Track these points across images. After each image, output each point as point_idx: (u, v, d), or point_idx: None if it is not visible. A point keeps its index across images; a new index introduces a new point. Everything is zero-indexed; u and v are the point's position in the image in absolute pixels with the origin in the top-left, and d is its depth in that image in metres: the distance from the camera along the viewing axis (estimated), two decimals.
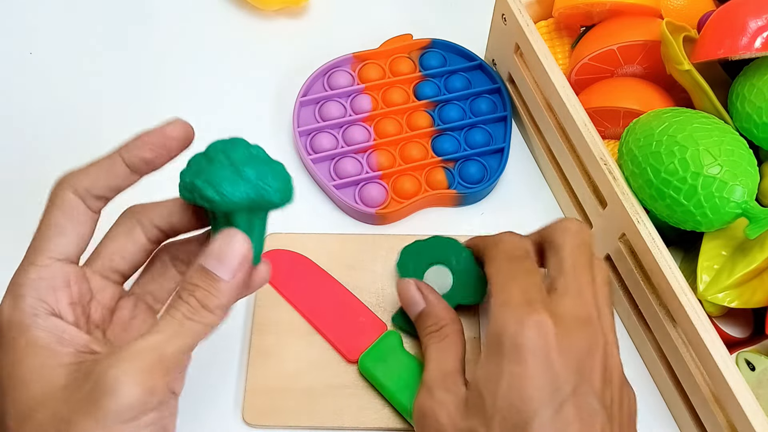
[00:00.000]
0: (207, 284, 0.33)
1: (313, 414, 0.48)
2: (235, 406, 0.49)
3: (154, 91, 0.62)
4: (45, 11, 0.66)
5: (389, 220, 0.56)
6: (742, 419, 0.40)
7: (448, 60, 0.62)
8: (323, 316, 0.51)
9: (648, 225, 0.45)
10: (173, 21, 0.66)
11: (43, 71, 0.63)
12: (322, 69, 0.60)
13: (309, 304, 0.51)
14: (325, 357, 0.50)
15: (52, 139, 0.59)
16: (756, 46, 0.44)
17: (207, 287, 0.33)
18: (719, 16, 0.47)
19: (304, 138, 0.58)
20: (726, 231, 0.46)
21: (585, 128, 0.48)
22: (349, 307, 0.51)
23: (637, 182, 0.46)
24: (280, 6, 0.65)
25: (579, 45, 0.55)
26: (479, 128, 0.59)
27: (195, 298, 0.33)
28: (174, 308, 0.33)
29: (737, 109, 0.47)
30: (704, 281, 0.45)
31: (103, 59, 0.63)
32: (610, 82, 0.54)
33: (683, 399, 0.47)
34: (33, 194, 0.57)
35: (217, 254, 0.34)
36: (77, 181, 0.35)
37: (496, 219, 0.57)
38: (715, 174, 0.43)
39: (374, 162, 0.57)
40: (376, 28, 0.64)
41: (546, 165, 0.57)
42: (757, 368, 0.45)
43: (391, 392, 0.47)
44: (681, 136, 0.44)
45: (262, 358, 0.50)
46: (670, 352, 0.47)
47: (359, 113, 0.59)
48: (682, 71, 0.48)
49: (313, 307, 0.51)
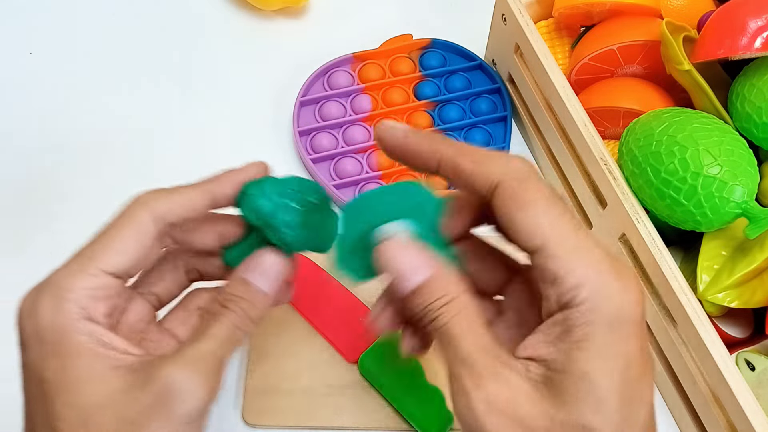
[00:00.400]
0: (250, 296, 0.35)
1: (313, 414, 0.48)
2: (235, 406, 0.49)
3: (154, 90, 0.62)
4: (45, 11, 0.66)
5: None
6: (742, 419, 0.40)
7: (448, 60, 0.62)
8: (323, 316, 0.51)
9: (648, 225, 0.45)
10: (173, 21, 0.65)
11: (43, 71, 0.63)
12: (322, 69, 0.60)
13: (309, 304, 0.51)
14: (325, 357, 0.50)
15: (52, 138, 0.59)
16: (756, 46, 0.44)
17: (250, 298, 0.35)
18: (719, 16, 0.47)
19: (304, 138, 0.58)
20: (726, 231, 0.46)
21: (585, 128, 0.48)
22: (350, 307, 0.51)
23: (637, 182, 0.46)
24: (280, 6, 0.65)
25: (579, 45, 0.55)
26: (479, 128, 0.59)
27: (240, 308, 0.34)
28: (223, 315, 0.34)
29: (737, 109, 0.47)
30: (704, 281, 0.45)
31: (102, 59, 0.63)
32: (610, 82, 0.54)
33: (683, 399, 0.47)
34: (32, 194, 0.57)
35: (260, 269, 0.35)
36: (156, 204, 0.34)
37: None
38: (715, 174, 0.43)
39: (374, 162, 0.57)
40: (376, 28, 0.64)
41: (546, 165, 0.57)
42: (757, 368, 0.45)
43: (391, 392, 0.47)
44: (681, 136, 0.44)
45: (262, 358, 0.50)
46: (670, 353, 0.47)
47: (359, 113, 0.59)
48: (682, 71, 0.48)
49: (314, 307, 0.51)
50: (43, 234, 0.55)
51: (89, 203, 0.57)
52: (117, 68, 0.63)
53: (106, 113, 0.61)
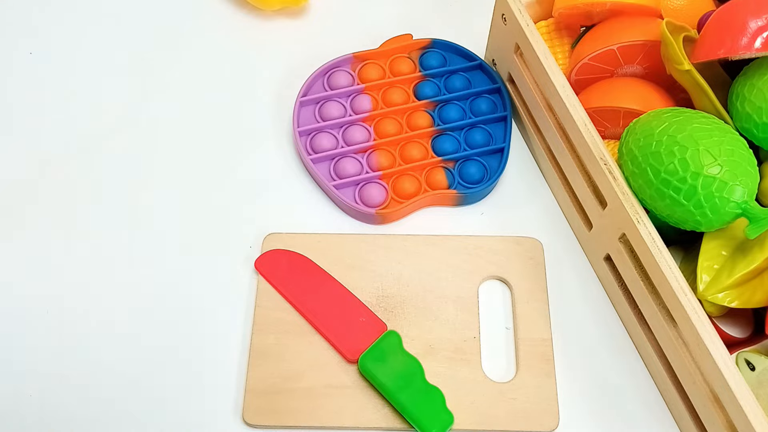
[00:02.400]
0: None
1: (313, 414, 0.48)
2: (235, 406, 0.49)
3: (154, 90, 0.62)
4: (45, 11, 0.66)
5: (389, 220, 0.56)
6: (742, 419, 0.40)
7: (448, 60, 0.62)
8: (323, 316, 0.51)
9: (648, 225, 0.45)
10: (173, 21, 0.66)
11: (43, 71, 0.63)
12: (322, 69, 0.60)
13: (309, 304, 0.51)
14: (325, 357, 0.50)
15: (52, 138, 0.59)
16: (756, 46, 0.44)
17: None
18: (719, 16, 0.47)
19: (304, 138, 0.58)
20: (726, 231, 0.46)
21: (585, 128, 0.48)
22: (349, 307, 0.51)
23: (637, 182, 0.46)
24: (280, 6, 0.65)
25: (579, 45, 0.55)
26: (479, 128, 0.59)
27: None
28: None
29: (737, 109, 0.47)
30: (704, 281, 0.45)
31: (103, 59, 0.63)
32: (610, 82, 0.54)
33: (683, 399, 0.47)
34: (32, 193, 0.57)
35: None
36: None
37: (496, 219, 0.57)
38: (715, 174, 0.43)
39: (374, 162, 0.57)
40: (376, 28, 0.64)
41: (546, 165, 0.57)
42: (757, 368, 0.45)
43: (391, 392, 0.47)
44: (681, 136, 0.44)
45: (262, 358, 0.50)
46: (670, 352, 0.47)
47: (359, 113, 0.59)
48: (682, 71, 0.48)
49: (313, 307, 0.51)
50: (42, 233, 0.55)
51: (89, 203, 0.57)
52: (117, 68, 0.63)
53: (106, 113, 0.61)
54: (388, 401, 0.48)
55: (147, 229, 0.56)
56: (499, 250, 0.54)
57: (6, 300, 0.53)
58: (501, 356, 0.51)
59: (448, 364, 0.50)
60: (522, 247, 0.54)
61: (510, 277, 0.53)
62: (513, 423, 0.48)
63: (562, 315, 0.53)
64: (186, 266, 0.54)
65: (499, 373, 0.50)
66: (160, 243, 0.55)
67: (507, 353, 0.51)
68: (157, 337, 0.52)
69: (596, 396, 0.50)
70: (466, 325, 0.51)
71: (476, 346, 0.50)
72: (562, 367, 0.51)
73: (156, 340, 0.52)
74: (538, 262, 0.54)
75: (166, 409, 0.49)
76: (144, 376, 0.50)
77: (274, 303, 0.52)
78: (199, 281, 0.54)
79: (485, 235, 0.55)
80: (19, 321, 0.52)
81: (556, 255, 0.55)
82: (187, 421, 0.49)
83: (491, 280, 0.54)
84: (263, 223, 0.55)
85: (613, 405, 0.50)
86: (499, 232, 0.56)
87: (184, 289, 0.53)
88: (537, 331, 0.51)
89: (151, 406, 0.50)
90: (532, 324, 0.51)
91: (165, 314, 0.52)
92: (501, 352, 0.51)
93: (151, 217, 0.56)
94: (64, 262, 0.54)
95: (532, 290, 0.53)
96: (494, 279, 0.54)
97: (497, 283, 0.54)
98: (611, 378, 0.51)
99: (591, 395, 0.50)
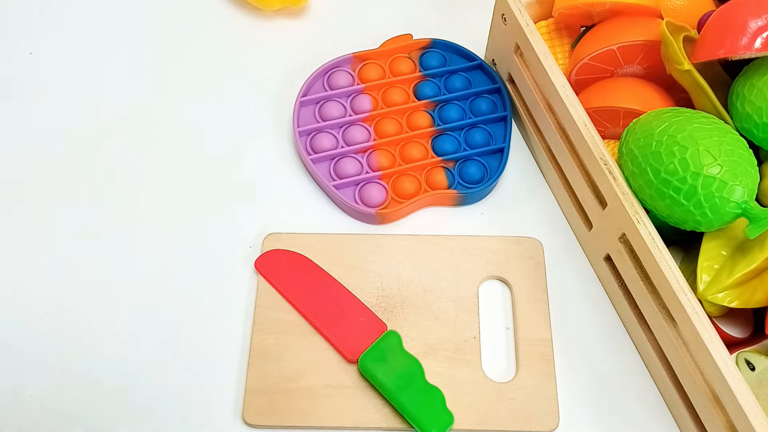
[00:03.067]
0: None
1: (313, 414, 0.48)
2: (235, 406, 0.49)
3: (154, 90, 0.62)
4: (45, 11, 0.66)
5: (389, 220, 0.56)
6: (742, 419, 0.40)
7: (448, 60, 0.62)
8: (323, 316, 0.51)
9: (648, 225, 0.45)
10: (173, 21, 0.66)
11: (43, 71, 0.63)
12: (322, 69, 0.60)
13: (309, 304, 0.51)
14: (325, 357, 0.50)
15: (51, 138, 0.59)
16: (756, 46, 0.44)
17: None
18: (719, 16, 0.47)
19: (304, 138, 0.58)
20: (726, 231, 0.46)
21: (585, 128, 0.48)
22: (349, 307, 0.51)
23: (637, 182, 0.46)
24: (280, 6, 0.65)
25: (579, 45, 0.55)
26: (479, 128, 0.59)
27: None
28: None
29: (737, 109, 0.47)
30: (704, 281, 0.45)
31: (103, 59, 0.63)
32: (610, 82, 0.54)
33: (683, 399, 0.47)
34: (32, 193, 0.57)
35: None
36: None
37: (496, 219, 0.57)
38: (715, 174, 0.43)
39: (374, 162, 0.57)
40: (376, 28, 0.64)
41: (546, 165, 0.57)
42: (757, 368, 0.45)
43: (391, 392, 0.47)
44: (681, 136, 0.44)
45: (262, 358, 0.50)
46: (670, 352, 0.47)
47: (359, 113, 0.59)
48: (682, 71, 0.48)
49: (313, 307, 0.51)
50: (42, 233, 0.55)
51: (89, 203, 0.57)
52: (117, 68, 0.63)
53: (106, 113, 0.61)
54: (388, 401, 0.48)
55: (147, 229, 0.56)
56: (499, 250, 0.54)
57: (6, 300, 0.53)
58: (501, 356, 0.51)
59: (448, 364, 0.50)
60: (522, 247, 0.54)
61: (510, 277, 0.53)
62: (513, 423, 0.48)
63: (562, 315, 0.53)
64: (186, 266, 0.54)
65: (499, 373, 0.50)
66: (160, 243, 0.55)
67: (507, 353, 0.51)
68: (157, 337, 0.52)
69: (596, 396, 0.50)
70: (466, 325, 0.51)
71: (476, 346, 0.50)
72: (562, 367, 0.51)
73: (156, 340, 0.52)
74: (538, 262, 0.54)
75: (166, 409, 0.49)
76: (144, 375, 0.50)
77: (274, 303, 0.52)
78: (199, 281, 0.54)
79: (485, 235, 0.55)
80: (19, 321, 0.52)
81: (556, 255, 0.55)
82: (187, 421, 0.49)
83: (491, 280, 0.54)
84: (263, 223, 0.55)
85: (613, 405, 0.50)
86: (499, 232, 0.56)
87: (184, 289, 0.53)
88: (537, 331, 0.51)
89: (151, 406, 0.50)
90: (532, 324, 0.51)
91: (165, 314, 0.52)
92: (501, 352, 0.51)
93: (151, 216, 0.56)
94: (64, 262, 0.54)
95: (532, 290, 0.53)
96: (494, 279, 0.54)
97: (497, 283, 0.54)
98: (611, 378, 0.51)
99: (591, 395, 0.50)
